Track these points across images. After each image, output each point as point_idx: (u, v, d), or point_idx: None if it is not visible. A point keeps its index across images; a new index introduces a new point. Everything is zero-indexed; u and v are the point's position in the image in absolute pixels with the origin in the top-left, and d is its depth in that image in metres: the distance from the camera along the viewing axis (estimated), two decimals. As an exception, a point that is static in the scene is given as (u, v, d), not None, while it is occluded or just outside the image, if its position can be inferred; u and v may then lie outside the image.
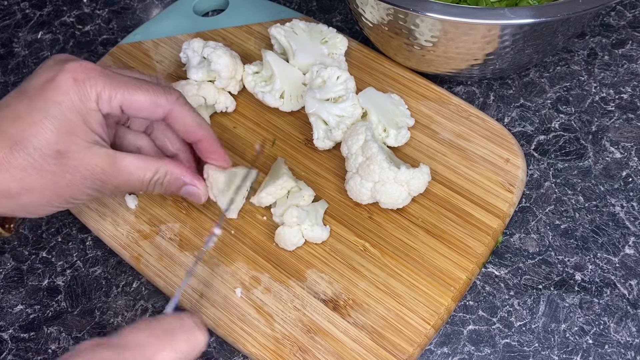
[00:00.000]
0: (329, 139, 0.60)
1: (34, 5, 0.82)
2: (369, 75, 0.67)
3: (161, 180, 0.53)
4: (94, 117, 0.49)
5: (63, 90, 0.48)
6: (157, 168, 0.52)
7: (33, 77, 0.49)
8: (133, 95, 0.50)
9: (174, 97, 0.52)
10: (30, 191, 0.48)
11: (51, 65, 0.49)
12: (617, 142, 0.64)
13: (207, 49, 0.64)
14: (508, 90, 0.68)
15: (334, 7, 0.77)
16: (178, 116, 0.53)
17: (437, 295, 0.53)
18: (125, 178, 0.51)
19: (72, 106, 0.48)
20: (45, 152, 0.47)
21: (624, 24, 0.72)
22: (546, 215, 0.60)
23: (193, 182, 0.55)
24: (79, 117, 0.48)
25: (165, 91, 0.52)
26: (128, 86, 0.50)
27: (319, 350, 0.52)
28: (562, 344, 0.54)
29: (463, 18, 0.52)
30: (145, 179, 0.52)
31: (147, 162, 0.52)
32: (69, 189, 0.49)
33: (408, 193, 0.56)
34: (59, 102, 0.47)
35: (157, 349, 0.43)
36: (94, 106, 0.48)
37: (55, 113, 0.47)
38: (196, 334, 0.45)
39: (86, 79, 0.48)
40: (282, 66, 0.64)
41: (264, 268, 0.56)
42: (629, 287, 0.56)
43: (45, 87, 0.48)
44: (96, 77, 0.48)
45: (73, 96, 0.48)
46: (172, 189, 0.55)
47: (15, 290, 0.60)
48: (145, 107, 0.50)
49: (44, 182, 0.48)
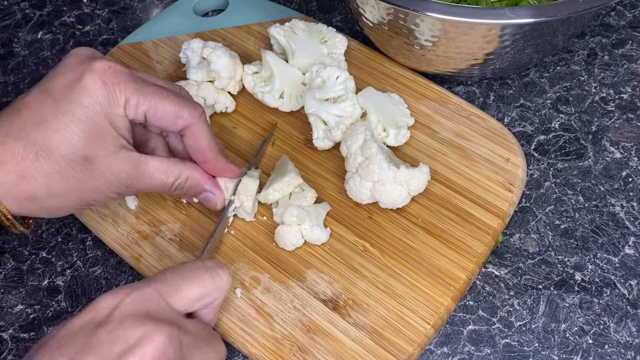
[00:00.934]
0: (328, 139, 0.60)
1: (34, 5, 0.82)
2: (368, 75, 0.67)
3: (182, 184, 0.53)
4: (121, 122, 0.48)
5: (91, 93, 0.46)
6: (180, 172, 0.52)
7: (57, 76, 0.48)
8: (159, 104, 0.49)
9: (197, 113, 0.51)
10: (54, 196, 0.47)
11: (75, 62, 0.48)
12: (617, 142, 0.64)
13: (207, 49, 0.64)
14: (508, 90, 0.68)
15: (334, 7, 0.77)
16: (195, 132, 0.52)
17: (437, 295, 0.53)
18: (148, 181, 0.51)
19: (100, 110, 0.47)
20: (72, 158, 0.46)
21: (624, 24, 0.72)
22: (546, 215, 0.60)
23: (212, 190, 0.55)
24: (106, 122, 0.47)
25: (189, 105, 0.51)
26: (155, 94, 0.49)
27: (319, 350, 0.52)
28: (562, 344, 0.54)
29: (463, 18, 0.52)
30: (168, 182, 0.52)
31: (171, 165, 0.52)
32: (93, 193, 0.49)
33: (407, 193, 0.56)
34: (87, 106, 0.46)
35: (183, 282, 0.46)
36: (121, 112, 0.48)
37: (82, 117, 0.46)
38: (219, 272, 0.48)
39: (116, 84, 0.47)
40: (281, 66, 0.64)
41: (263, 268, 0.56)
42: (629, 287, 0.56)
43: (71, 88, 0.46)
44: (126, 82, 0.47)
45: (102, 100, 0.46)
46: (191, 194, 0.55)
47: (15, 290, 0.60)
48: (167, 117, 0.50)
49: (68, 187, 0.47)
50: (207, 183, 0.55)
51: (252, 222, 0.59)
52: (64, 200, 0.48)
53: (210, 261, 0.49)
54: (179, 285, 0.46)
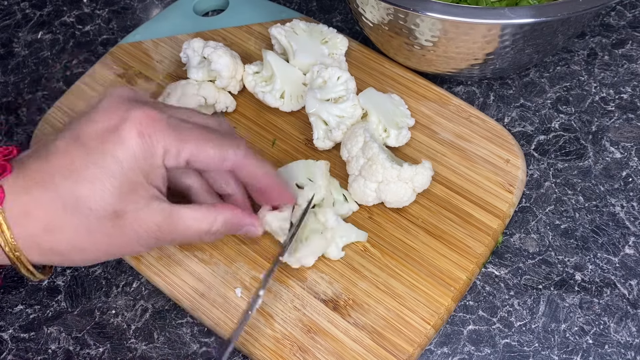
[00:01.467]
0: (329, 139, 0.60)
1: (34, 5, 0.82)
2: (369, 76, 0.67)
3: (219, 229, 0.49)
4: (157, 173, 0.45)
5: (127, 146, 0.43)
6: (214, 218, 0.49)
7: (91, 122, 0.44)
8: (201, 151, 0.46)
9: (241, 150, 0.48)
10: (81, 250, 0.45)
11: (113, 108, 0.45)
12: (617, 142, 0.64)
13: (208, 49, 0.64)
14: (508, 90, 0.68)
15: (334, 7, 0.77)
16: (245, 168, 0.50)
17: (437, 295, 0.53)
18: (182, 231, 0.47)
19: (136, 165, 0.44)
20: (102, 213, 0.43)
21: (624, 24, 0.72)
22: (546, 215, 0.60)
23: (252, 223, 0.52)
24: (141, 176, 0.44)
25: (232, 143, 0.48)
26: (197, 140, 0.46)
27: (319, 350, 0.52)
28: (562, 344, 0.54)
29: (463, 18, 0.52)
30: (203, 230, 0.48)
31: (204, 213, 0.48)
32: (121, 248, 0.46)
33: (413, 190, 0.56)
34: (122, 160, 0.43)
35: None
36: (159, 162, 0.45)
37: (115, 171, 0.43)
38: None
39: (152, 133, 0.44)
40: (282, 66, 0.64)
41: (264, 268, 0.56)
42: (629, 287, 0.56)
43: (105, 138, 0.43)
44: (164, 131, 0.44)
45: (138, 153, 0.43)
46: (231, 233, 0.53)
47: (15, 290, 0.60)
48: (212, 162, 0.47)
49: (96, 242, 0.45)
50: (245, 219, 0.52)
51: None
52: (90, 254, 0.46)
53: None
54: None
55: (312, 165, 0.59)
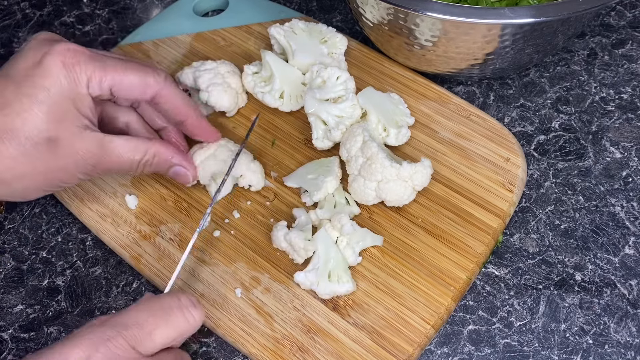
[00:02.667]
0: (328, 139, 0.60)
1: (34, 5, 0.82)
2: (368, 75, 0.67)
3: (150, 161, 0.53)
4: (84, 101, 0.49)
5: (52, 75, 0.47)
6: (145, 149, 0.52)
7: (17, 60, 0.48)
8: (123, 77, 0.49)
9: (162, 77, 0.52)
10: (22, 178, 0.48)
11: (36, 46, 0.48)
12: (617, 142, 0.64)
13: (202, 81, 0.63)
14: (508, 90, 0.68)
15: (334, 7, 0.77)
16: (166, 96, 0.53)
17: (437, 295, 0.53)
18: (115, 160, 0.51)
19: (62, 91, 0.47)
20: (36, 140, 0.47)
21: (624, 24, 0.72)
22: (546, 215, 0.60)
23: (182, 163, 0.56)
24: (69, 102, 0.48)
25: (153, 71, 0.51)
26: (117, 68, 0.49)
27: (319, 350, 0.52)
28: (562, 344, 0.54)
29: (463, 18, 0.52)
30: (135, 160, 0.52)
31: (136, 143, 0.52)
32: (60, 173, 0.49)
33: (413, 188, 0.56)
34: (48, 88, 0.47)
35: (155, 326, 0.44)
36: (84, 90, 0.48)
37: (44, 99, 0.47)
38: (192, 312, 0.46)
39: (76, 63, 0.47)
40: (281, 66, 0.64)
41: (263, 268, 0.56)
42: (629, 287, 0.56)
43: (32, 71, 0.47)
44: (86, 61, 0.48)
45: (63, 81, 0.47)
46: (161, 170, 0.55)
47: (15, 290, 0.60)
48: (135, 88, 0.50)
49: (35, 169, 0.48)
50: (175, 157, 0.55)
51: (252, 222, 0.59)
52: (32, 181, 0.48)
53: (185, 298, 0.47)
54: (150, 333, 0.44)
55: (325, 161, 0.60)
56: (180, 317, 0.46)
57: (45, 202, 0.65)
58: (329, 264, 0.54)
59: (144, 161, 0.53)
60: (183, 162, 0.56)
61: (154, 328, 0.44)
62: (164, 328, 0.45)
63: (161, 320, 0.45)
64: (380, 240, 0.56)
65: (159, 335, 0.45)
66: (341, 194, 0.59)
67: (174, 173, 0.56)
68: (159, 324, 0.45)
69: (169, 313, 0.45)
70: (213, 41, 0.71)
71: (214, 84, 0.63)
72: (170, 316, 0.45)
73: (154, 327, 0.44)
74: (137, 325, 0.44)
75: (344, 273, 0.54)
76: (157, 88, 0.52)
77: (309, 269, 0.54)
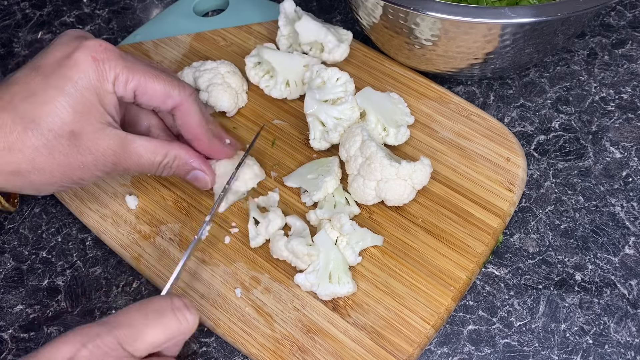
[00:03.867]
0: (325, 141, 0.60)
1: (34, 5, 0.82)
2: (369, 75, 0.66)
3: (170, 164, 0.53)
4: (109, 98, 0.49)
5: (81, 68, 0.47)
6: (166, 152, 0.53)
7: (47, 53, 0.49)
8: (149, 83, 0.50)
9: (187, 92, 0.52)
10: (40, 171, 0.48)
11: (67, 41, 0.49)
12: (617, 142, 0.64)
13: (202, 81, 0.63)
14: (508, 90, 0.68)
15: (334, 7, 0.77)
16: (183, 111, 0.53)
17: (437, 295, 0.53)
18: (135, 160, 0.51)
19: (90, 85, 0.47)
20: (59, 132, 0.47)
21: (624, 24, 0.72)
22: (546, 215, 0.60)
23: (201, 168, 0.56)
24: (95, 97, 0.48)
25: (179, 84, 0.52)
26: (145, 73, 0.50)
27: (319, 350, 0.52)
28: (562, 344, 0.54)
29: (464, 17, 0.52)
30: (155, 161, 0.52)
31: (157, 145, 0.52)
32: (79, 170, 0.49)
33: (412, 187, 0.56)
34: (76, 80, 0.47)
35: (145, 326, 0.44)
36: (110, 88, 0.48)
37: (71, 91, 0.47)
38: (185, 315, 0.45)
39: (106, 60, 0.48)
40: (279, 58, 0.65)
41: (263, 268, 0.56)
42: (629, 287, 0.56)
43: (61, 63, 0.47)
44: (116, 59, 0.48)
45: (91, 75, 0.47)
46: (180, 173, 0.56)
47: (15, 290, 0.60)
48: (157, 96, 0.51)
49: (55, 163, 0.48)
50: (194, 161, 0.55)
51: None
52: (50, 176, 0.48)
53: (178, 300, 0.46)
54: (140, 332, 0.43)
55: (325, 161, 0.60)
56: (173, 319, 0.45)
57: (45, 202, 0.65)
58: (329, 266, 0.53)
59: (164, 163, 0.53)
60: (202, 166, 0.56)
61: (144, 327, 0.44)
62: (154, 328, 0.44)
63: (153, 321, 0.44)
64: (380, 240, 0.56)
65: (150, 335, 0.44)
66: (341, 194, 0.59)
67: (193, 177, 0.56)
68: (150, 324, 0.44)
69: (161, 314, 0.45)
70: (213, 41, 0.71)
71: (213, 84, 0.63)
72: (163, 317, 0.44)
73: (145, 326, 0.44)
74: (127, 324, 0.43)
75: (345, 274, 0.54)
76: (178, 100, 0.52)
77: (309, 271, 0.54)
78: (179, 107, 0.53)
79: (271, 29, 0.71)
